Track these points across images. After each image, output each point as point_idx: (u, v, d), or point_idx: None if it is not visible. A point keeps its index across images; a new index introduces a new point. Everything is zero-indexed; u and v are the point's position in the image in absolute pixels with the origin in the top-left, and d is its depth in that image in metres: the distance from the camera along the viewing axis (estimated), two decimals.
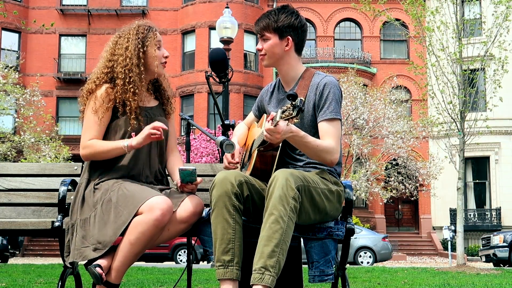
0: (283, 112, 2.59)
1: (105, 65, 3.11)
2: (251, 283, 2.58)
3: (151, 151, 3.13)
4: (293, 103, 2.53)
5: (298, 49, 3.09)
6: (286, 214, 2.63)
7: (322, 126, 2.95)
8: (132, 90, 3.04)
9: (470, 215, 28.09)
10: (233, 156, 3.06)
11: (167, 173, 3.28)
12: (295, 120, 2.60)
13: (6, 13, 13.74)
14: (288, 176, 2.69)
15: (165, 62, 3.18)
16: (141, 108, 3.11)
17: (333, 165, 2.97)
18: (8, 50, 29.03)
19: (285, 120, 2.60)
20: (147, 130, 2.96)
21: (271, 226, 2.62)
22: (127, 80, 3.05)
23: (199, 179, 3.02)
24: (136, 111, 3.05)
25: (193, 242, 4.09)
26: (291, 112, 2.54)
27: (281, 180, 2.68)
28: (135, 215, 2.78)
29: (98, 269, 2.76)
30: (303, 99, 2.57)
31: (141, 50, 3.09)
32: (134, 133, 3.04)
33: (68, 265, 2.91)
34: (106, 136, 3.09)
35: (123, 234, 2.82)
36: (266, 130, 2.68)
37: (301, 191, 2.72)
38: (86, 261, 2.86)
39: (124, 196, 2.84)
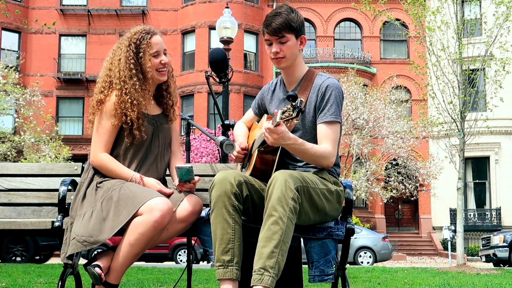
0: (283, 112, 2.58)
1: (106, 74, 3.11)
2: (251, 285, 2.58)
3: (158, 159, 3.13)
4: (293, 104, 2.53)
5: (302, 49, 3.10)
6: (286, 215, 2.63)
7: (321, 129, 2.94)
8: (129, 101, 3.02)
9: (470, 215, 28.08)
10: (240, 144, 3.10)
11: (167, 172, 3.28)
12: (295, 121, 2.59)
13: (8, 13, 13.74)
14: (287, 177, 2.69)
15: (163, 69, 3.11)
16: (147, 116, 3.10)
17: (329, 168, 2.97)
18: (8, 50, 29.02)
19: (285, 120, 2.59)
20: (156, 187, 2.96)
21: (270, 227, 2.62)
22: (123, 91, 3.03)
23: (196, 177, 3.01)
24: (138, 121, 3.03)
25: (193, 242, 4.08)
26: (291, 113, 2.54)
27: (280, 181, 2.67)
28: (135, 215, 2.78)
29: (97, 269, 2.76)
30: (303, 100, 2.56)
31: (133, 60, 3.05)
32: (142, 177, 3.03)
33: (65, 262, 2.90)
34: (114, 142, 3.09)
35: (121, 234, 2.82)
36: (265, 129, 2.68)
37: (300, 192, 2.71)
38: (86, 261, 2.86)
39: (125, 195, 2.84)
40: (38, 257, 15.05)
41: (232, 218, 2.75)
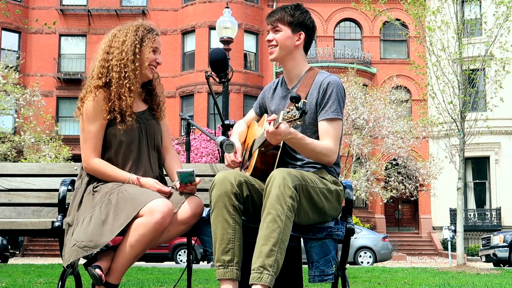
0: (286, 113, 2.58)
1: (103, 57, 3.06)
2: (250, 283, 2.58)
3: (151, 156, 3.11)
4: (297, 105, 2.53)
5: (306, 48, 3.12)
6: (284, 213, 2.63)
7: (322, 126, 2.95)
8: (127, 85, 3.00)
9: (470, 215, 28.09)
10: (235, 155, 3.06)
11: (165, 173, 3.27)
12: (298, 122, 2.59)
13: (8, 12, 13.74)
14: (285, 175, 2.69)
15: (155, 67, 3.12)
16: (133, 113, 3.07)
17: (331, 165, 2.97)
18: (8, 50, 29.01)
19: (288, 122, 2.59)
20: (155, 187, 2.94)
21: (269, 225, 2.62)
22: (122, 74, 3.00)
23: (197, 179, 3.00)
24: (130, 109, 3.00)
25: (193, 242, 4.08)
26: (294, 114, 2.54)
27: (278, 179, 2.67)
28: (135, 217, 2.77)
29: (97, 270, 2.75)
30: (306, 102, 2.56)
31: (137, 47, 3.04)
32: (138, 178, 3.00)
33: (65, 267, 2.90)
34: (102, 147, 3.05)
35: (121, 234, 2.82)
36: (266, 132, 2.68)
37: (299, 190, 2.71)
38: (85, 261, 2.85)
39: (124, 198, 2.82)
40: None
41: (232, 218, 2.74)
